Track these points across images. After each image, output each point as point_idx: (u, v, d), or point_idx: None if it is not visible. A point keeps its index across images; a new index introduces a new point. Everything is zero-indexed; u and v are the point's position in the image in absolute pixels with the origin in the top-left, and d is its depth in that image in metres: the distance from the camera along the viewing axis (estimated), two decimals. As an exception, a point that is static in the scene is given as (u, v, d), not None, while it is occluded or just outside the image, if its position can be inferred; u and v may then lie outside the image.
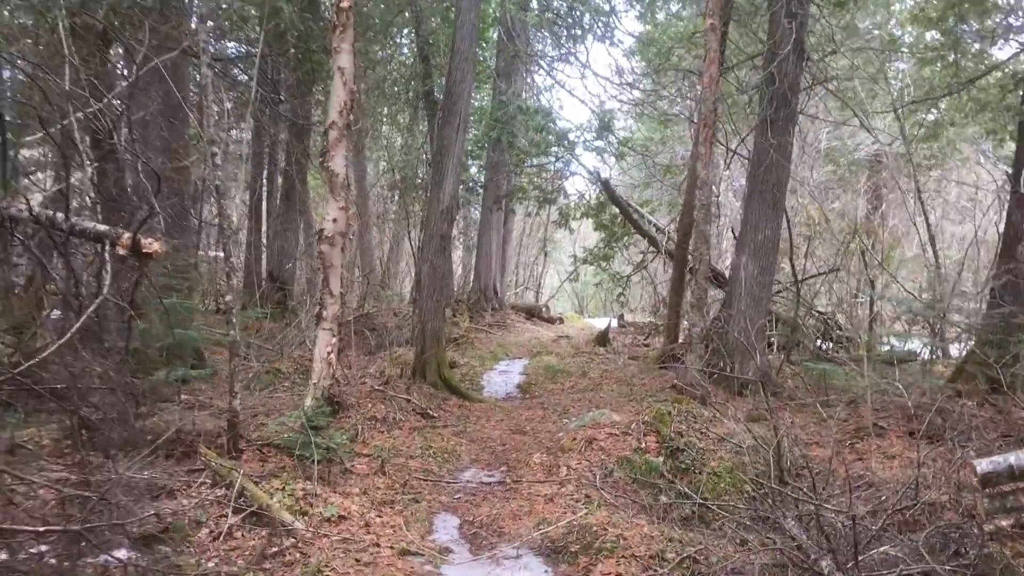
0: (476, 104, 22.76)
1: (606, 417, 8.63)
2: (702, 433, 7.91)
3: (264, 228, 20.57)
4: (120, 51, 12.17)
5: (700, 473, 7.43)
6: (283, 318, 16.65)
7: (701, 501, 6.96)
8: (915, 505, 5.18)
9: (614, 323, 22.36)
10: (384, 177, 28.12)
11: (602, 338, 19.66)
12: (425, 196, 13.29)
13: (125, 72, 12.10)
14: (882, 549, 4.50)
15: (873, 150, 21.24)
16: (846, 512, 4.79)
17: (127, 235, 6.27)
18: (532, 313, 25.38)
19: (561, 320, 25.93)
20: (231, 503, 6.18)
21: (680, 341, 14.41)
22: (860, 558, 4.35)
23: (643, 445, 7.95)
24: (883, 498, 6.05)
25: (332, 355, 9.13)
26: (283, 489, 6.60)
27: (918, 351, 14.95)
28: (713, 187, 16.54)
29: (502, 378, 14.23)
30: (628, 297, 21.02)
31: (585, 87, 60.41)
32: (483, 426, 9.90)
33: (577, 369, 14.45)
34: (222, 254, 15.98)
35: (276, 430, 7.66)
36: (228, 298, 7.82)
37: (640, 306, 26.15)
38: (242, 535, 5.93)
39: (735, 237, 13.13)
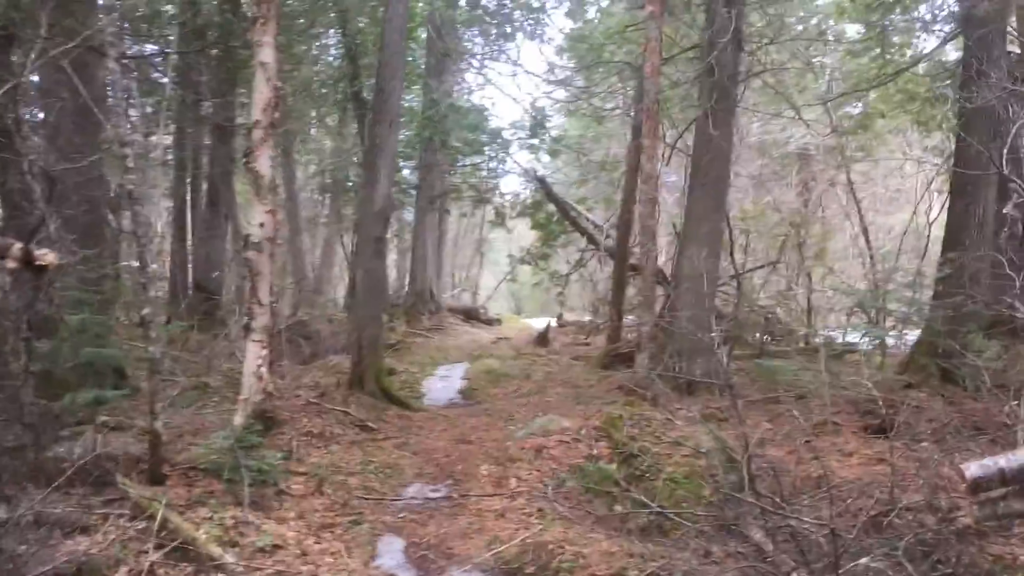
0: (407, 104, 22.25)
1: (555, 423, 8.27)
2: (656, 437, 7.59)
3: (189, 236, 19.65)
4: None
5: (656, 480, 7.11)
6: (211, 329, 15.89)
7: (659, 510, 6.64)
8: (892, 511, 4.92)
9: (553, 323, 22.09)
10: (314, 180, 27.37)
11: (542, 339, 19.36)
12: (357, 198, 12.72)
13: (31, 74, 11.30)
14: (862, 561, 4.21)
15: (803, 143, 21.42)
16: (824, 523, 4.49)
17: (17, 246, 5.64)
18: (470, 315, 24.97)
19: (499, 321, 25.59)
20: (153, 537, 5.62)
21: (623, 340, 14.16)
22: (840, 572, 4.05)
23: (595, 452, 7.61)
24: (848, 501, 5.80)
25: (263, 368, 8.56)
26: (211, 519, 6.06)
27: (856, 343, 14.99)
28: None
29: (443, 384, 13.77)
30: (567, 296, 20.74)
31: (517, 85, 60.40)
32: (426, 437, 9.43)
33: (520, 372, 14.07)
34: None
35: (204, 452, 7.08)
36: (146, 311, 7.21)
37: (580, 305, 25.94)
38: (165, 572, 5.38)
39: (676, 233, 12.92)
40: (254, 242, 8.35)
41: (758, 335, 14.23)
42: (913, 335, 12.39)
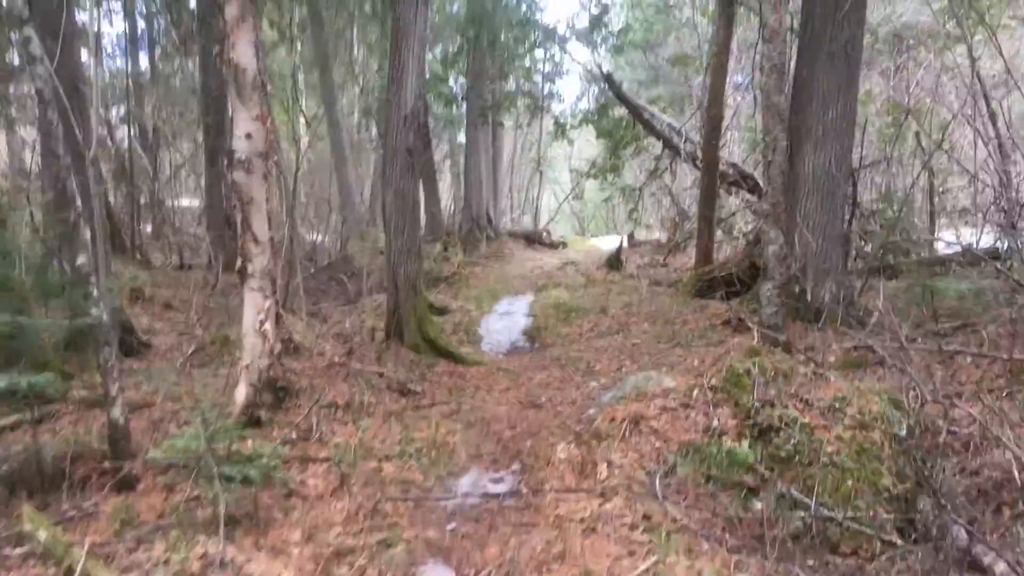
0: (448, 7, 19.77)
1: (654, 382, 6.09)
2: (803, 400, 5.38)
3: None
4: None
5: (811, 465, 4.92)
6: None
7: (826, 515, 4.48)
8: None
9: (624, 243, 19.79)
10: (358, 102, 25.22)
11: (614, 261, 17.18)
12: (382, 101, 10.40)
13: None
14: None
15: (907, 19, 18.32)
16: None
17: None
18: (532, 239, 22.83)
19: (564, 244, 23.39)
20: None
21: (715, 261, 11.85)
22: None
23: (716, 424, 5.43)
24: None
25: (267, 324, 6.59)
26: (166, 562, 4.13)
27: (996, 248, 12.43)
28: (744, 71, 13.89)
29: (504, 324, 11.70)
30: (640, 213, 18.34)
31: None
32: (483, 400, 7.36)
33: (594, 304, 11.90)
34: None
35: (171, 451, 5.11)
36: (80, 261, 5.19)
37: (654, 222, 23.47)
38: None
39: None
40: (239, 160, 6.27)
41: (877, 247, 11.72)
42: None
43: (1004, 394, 5.71)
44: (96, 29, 18.85)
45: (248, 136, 6.24)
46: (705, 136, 11.58)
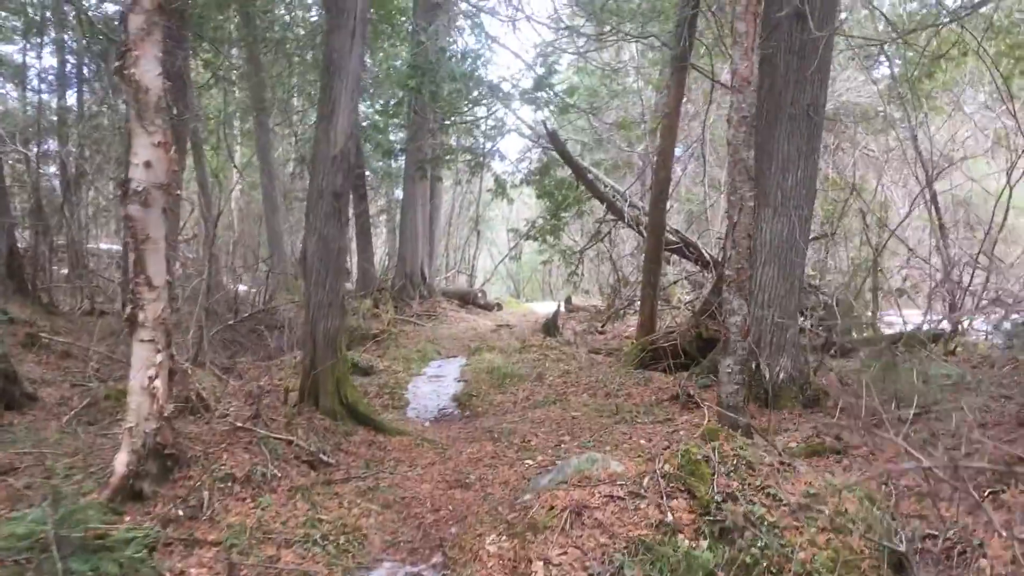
0: (389, 53, 19.25)
1: (599, 465, 5.35)
2: (769, 495, 4.72)
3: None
4: None
5: (780, 574, 4.23)
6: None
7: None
8: None
9: (562, 308, 19.21)
10: (294, 150, 24.43)
11: (551, 326, 16.50)
12: (311, 139, 9.55)
13: None
14: None
15: (847, 98, 18.44)
16: None
17: None
18: (466, 300, 22.10)
19: (499, 306, 22.71)
20: None
21: (659, 330, 11.28)
22: None
23: (670, 519, 4.71)
24: None
25: (158, 382, 5.69)
26: None
27: (942, 329, 12.18)
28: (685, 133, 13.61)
29: (433, 387, 10.87)
30: (580, 277, 17.81)
31: (516, 36, 55.69)
32: (405, 476, 6.50)
33: (530, 370, 11.18)
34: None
35: (12, 537, 4.16)
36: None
37: (592, 287, 22.97)
38: None
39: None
40: (136, 191, 5.43)
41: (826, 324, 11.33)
42: None
43: (987, 493, 5.14)
44: (22, 60, 17.87)
45: (147, 164, 5.43)
46: (652, 199, 11.11)
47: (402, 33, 18.51)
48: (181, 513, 5.52)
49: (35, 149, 20.02)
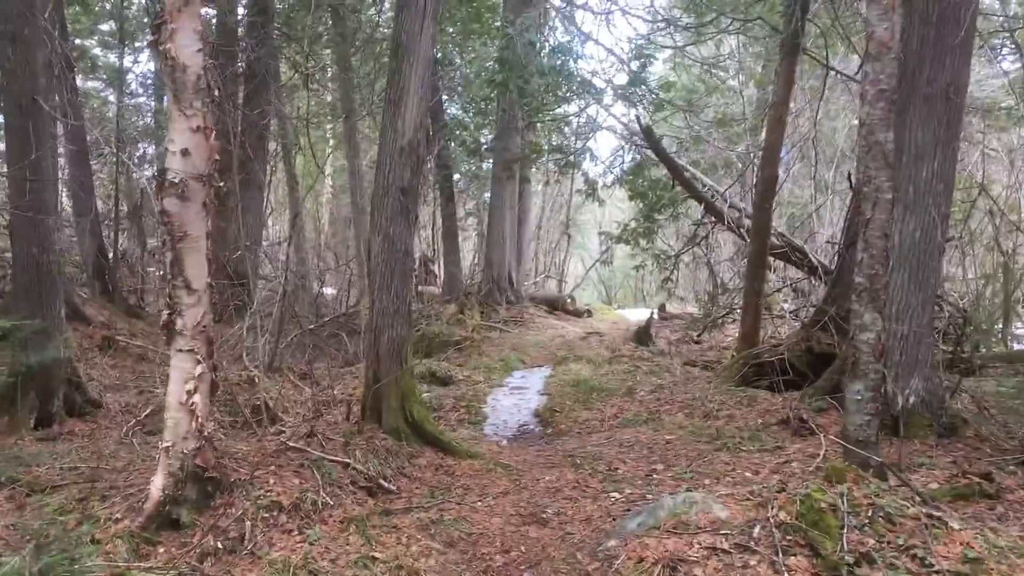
0: (478, 60, 18.59)
1: (699, 508, 4.46)
2: (914, 558, 3.76)
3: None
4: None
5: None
6: (239, 320, 12.72)
7: None
8: None
9: (655, 315, 18.19)
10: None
11: (642, 335, 15.57)
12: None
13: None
14: None
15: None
16: None
17: None
18: (555, 306, 21.29)
19: (589, 313, 21.83)
20: None
21: (763, 342, 10.23)
22: None
23: (788, 582, 3.79)
24: None
25: (197, 397, 5.08)
26: None
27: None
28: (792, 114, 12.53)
29: (514, 401, 10.10)
30: (675, 283, 16.77)
31: (610, 32, 54.23)
32: (473, 508, 5.72)
33: (619, 384, 10.29)
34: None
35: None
36: None
37: (688, 294, 21.82)
38: None
39: (851, 186, 8.88)
40: (172, 182, 4.83)
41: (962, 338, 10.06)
42: None
43: None
44: (119, 64, 18.01)
45: (185, 152, 4.82)
46: (757, 198, 10.07)
47: (492, 32, 17.87)
48: (220, 546, 4.90)
49: (131, 152, 20.21)
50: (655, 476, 6.03)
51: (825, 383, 7.22)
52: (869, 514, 4.00)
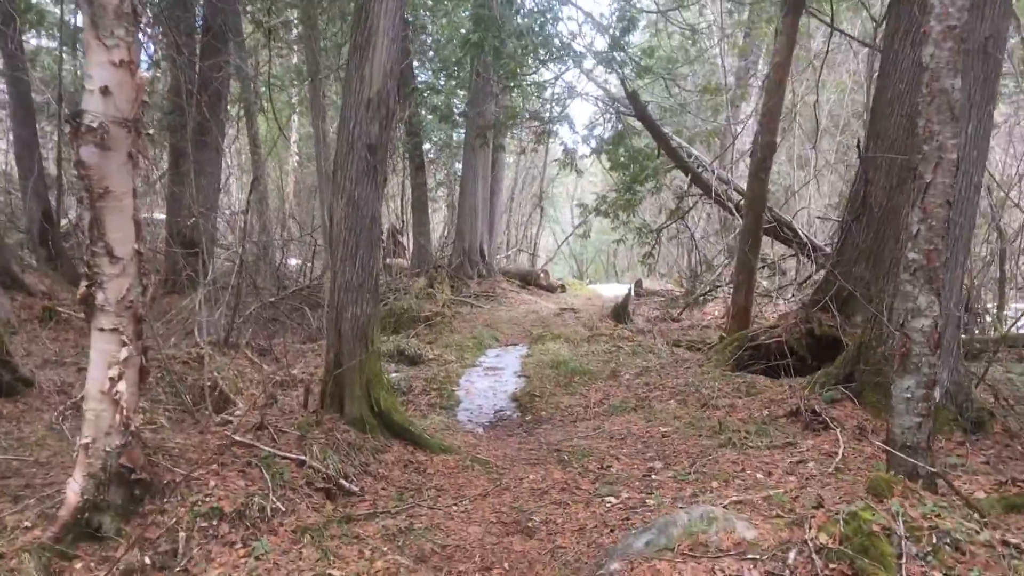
0: (450, 25, 17.61)
1: (719, 527, 3.75)
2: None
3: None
4: None
5: None
6: (192, 291, 11.83)
7: None
8: None
9: (631, 292, 17.51)
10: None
11: (620, 312, 14.90)
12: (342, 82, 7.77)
13: None
14: None
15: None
16: None
17: None
18: (527, 280, 20.55)
19: (563, 288, 21.13)
20: None
21: (755, 322, 9.57)
22: None
23: (837, 625, 3.10)
24: None
25: (121, 385, 4.26)
26: None
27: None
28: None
29: (489, 383, 9.35)
30: (657, 257, 16.07)
31: None
32: (448, 512, 4.97)
33: (601, 365, 9.59)
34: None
35: None
36: None
37: (665, 270, 21.15)
38: None
39: (858, 154, 8.17)
40: (89, 126, 3.98)
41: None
42: None
43: None
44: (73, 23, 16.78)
45: (105, 91, 3.96)
46: (753, 167, 9.34)
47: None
48: (149, 561, 4.14)
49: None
50: (654, 476, 5.32)
51: (837, 370, 6.55)
52: (932, 540, 3.31)
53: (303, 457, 5.03)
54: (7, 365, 7.93)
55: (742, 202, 12.67)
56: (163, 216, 21.08)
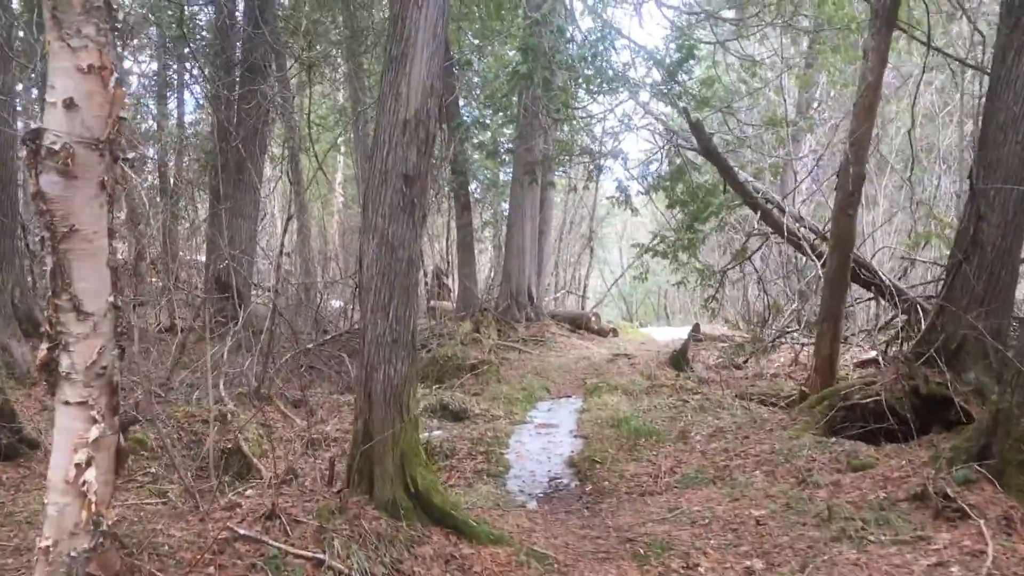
0: (497, 62, 16.89)
1: None
2: None
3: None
4: None
5: None
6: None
7: None
8: None
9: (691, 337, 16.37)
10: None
11: (679, 359, 13.84)
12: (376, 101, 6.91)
13: None
14: None
15: None
16: None
17: None
18: (578, 324, 19.53)
19: (615, 332, 20.07)
20: None
21: (841, 378, 8.45)
22: None
23: None
24: None
25: (88, 474, 3.37)
26: None
27: None
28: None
29: (542, 443, 8.35)
30: (723, 300, 14.98)
31: (641, 25, 51.10)
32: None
33: (667, 423, 8.54)
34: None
35: None
36: None
37: (733, 313, 19.96)
38: None
39: (971, 186, 7.12)
40: (51, 149, 3.15)
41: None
42: None
43: None
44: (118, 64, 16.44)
45: (69, 105, 3.13)
46: (839, 202, 8.27)
47: (513, 28, 16.24)
48: None
49: (131, 155, 18.63)
50: (756, 582, 4.27)
51: (968, 443, 5.42)
52: None
53: (321, 556, 4.07)
54: (12, 423, 7.18)
55: (816, 241, 11.62)
56: (203, 258, 20.60)
